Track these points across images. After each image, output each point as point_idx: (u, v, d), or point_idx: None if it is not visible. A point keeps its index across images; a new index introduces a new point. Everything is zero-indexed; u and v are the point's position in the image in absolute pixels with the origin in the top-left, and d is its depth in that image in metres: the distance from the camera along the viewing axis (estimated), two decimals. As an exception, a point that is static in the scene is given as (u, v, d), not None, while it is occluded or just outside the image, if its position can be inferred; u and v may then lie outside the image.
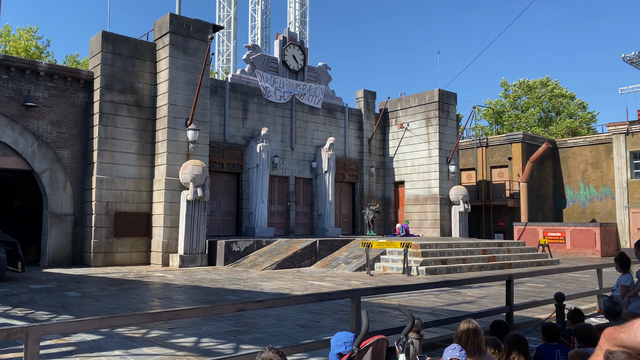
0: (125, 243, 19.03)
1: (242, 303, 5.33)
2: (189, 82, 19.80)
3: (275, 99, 24.65)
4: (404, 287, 7.82)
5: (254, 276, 15.84)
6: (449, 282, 9.34)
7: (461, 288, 13.29)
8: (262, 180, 23.10)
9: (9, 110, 17.90)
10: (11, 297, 11.33)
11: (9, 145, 17.82)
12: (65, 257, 18.64)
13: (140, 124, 19.71)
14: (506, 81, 50.45)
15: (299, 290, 12.86)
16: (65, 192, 18.86)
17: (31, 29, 36.23)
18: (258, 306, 5.59)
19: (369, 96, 29.11)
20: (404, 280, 15.36)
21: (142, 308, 10.12)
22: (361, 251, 18.78)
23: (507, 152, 33.70)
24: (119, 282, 14.05)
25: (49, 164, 18.58)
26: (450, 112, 28.59)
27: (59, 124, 18.98)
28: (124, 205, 19.09)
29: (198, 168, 18.80)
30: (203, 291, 12.58)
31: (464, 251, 20.17)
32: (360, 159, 28.43)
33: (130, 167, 19.39)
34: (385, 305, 10.64)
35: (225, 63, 59.73)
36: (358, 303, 6.19)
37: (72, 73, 19.24)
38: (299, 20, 60.48)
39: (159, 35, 20.16)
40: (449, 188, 27.74)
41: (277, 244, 20.02)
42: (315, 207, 26.13)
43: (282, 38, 25.45)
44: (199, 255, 18.91)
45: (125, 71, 19.47)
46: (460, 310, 10.13)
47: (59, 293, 11.95)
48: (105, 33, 19.21)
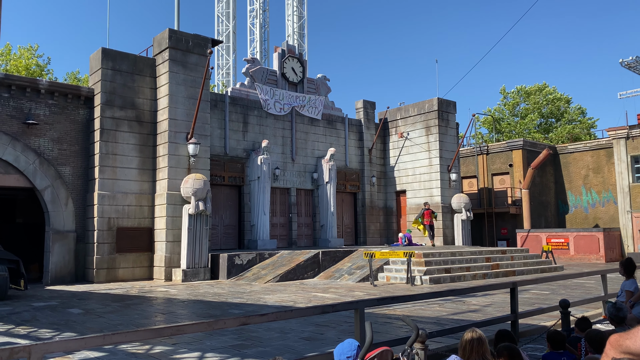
0: (127, 258, 19.01)
1: (246, 317, 5.31)
2: (189, 96, 19.89)
3: (275, 111, 24.74)
4: (407, 297, 7.78)
5: (257, 289, 15.78)
6: (453, 291, 9.30)
7: (465, 297, 13.22)
8: (264, 192, 23.11)
9: (10, 128, 17.98)
10: (14, 315, 11.29)
11: (11, 163, 17.87)
12: (68, 273, 18.60)
13: (141, 139, 19.77)
14: (505, 88, 50.63)
15: (303, 302, 12.81)
16: (67, 208, 18.88)
17: (32, 48, 36.52)
18: (261, 320, 5.57)
19: (369, 106, 29.20)
20: (407, 290, 15.30)
21: (146, 324, 10.08)
22: (364, 262, 18.72)
23: (508, 159, 33.71)
24: (122, 298, 14.01)
25: (51, 181, 18.62)
26: (449, 121, 28.64)
27: (60, 141, 19.05)
28: (126, 220, 19.09)
29: (199, 182, 18.82)
30: (206, 305, 12.53)
31: (467, 259, 20.10)
32: (361, 169, 28.44)
33: (132, 182, 19.42)
34: (389, 316, 10.59)
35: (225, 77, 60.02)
36: (362, 314, 6.16)
37: (72, 90, 19.35)
38: (298, 32, 60.86)
39: (158, 51, 20.29)
40: (451, 196, 27.71)
41: (280, 256, 19.97)
42: (317, 218, 26.10)
43: (280, 51, 25.59)
44: (202, 269, 18.86)
45: (125, 87, 19.57)
46: (465, 319, 10.07)
47: (62, 310, 11.91)
48: (105, 50, 19.34)
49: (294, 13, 61.13)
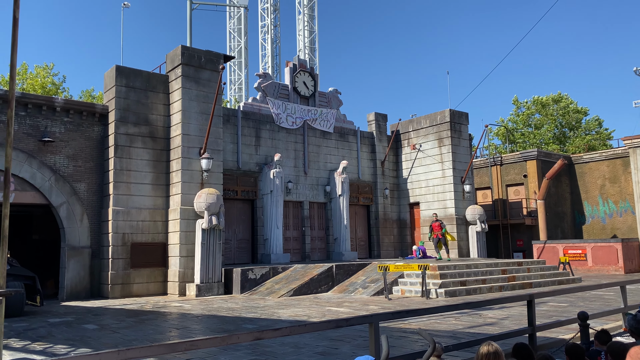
0: (142, 274, 19.08)
1: (259, 332, 5.28)
2: (202, 111, 20.07)
3: (287, 125, 24.85)
4: (423, 311, 7.68)
5: (270, 304, 15.72)
6: (469, 304, 9.18)
7: (482, 310, 13.04)
8: (277, 206, 23.12)
9: (27, 146, 18.25)
10: (30, 331, 11.36)
11: (27, 180, 18.12)
12: (83, 289, 18.71)
13: (155, 155, 19.95)
14: (517, 98, 50.32)
15: (317, 316, 12.73)
16: (83, 224, 19.05)
17: (47, 66, 37.19)
18: (275, 334, 5.53)
19: (380, 119, 29.21)
20: (423, 304, 15.13)
21: (160, 339, 10.07)
22: (378, 275, 18.58)
23: (522, 169, 33.42)
24: (136, 314, 14.03)
25: (66, 197, 18.82)
26: (462, 132, 28.53)
27: (75, 158, 19.29)
28: (140, 236, 19.20)
29: (212, 196, 18.90)
30: (220, 320, 12.51)
31: (483, 272, 19.86)
32: (374, 182, 28.38)
33: (146, 197, 19.56)
34: (404, 330, 10.47)
35: (237, 92, 60.53)
36: (377, 328, 6.10)
37: (87, 107, 19.62)
38: (309, 47, 61.30)
39: (171, 67, 20.54)
40: (465, 208, 27.49)
41: (293, 270, 19.91)
42: (330, 232, 26.03)
43: (292, 65, 25.77)
44: (215, 284, 18.86)
45: (139, 103, 19.81)
46: (482, 332, 9.93)
47: (77, 326, 11.96)
48: (119, 67, 19.63)
49: (304, 28, 61.64)
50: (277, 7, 63.47)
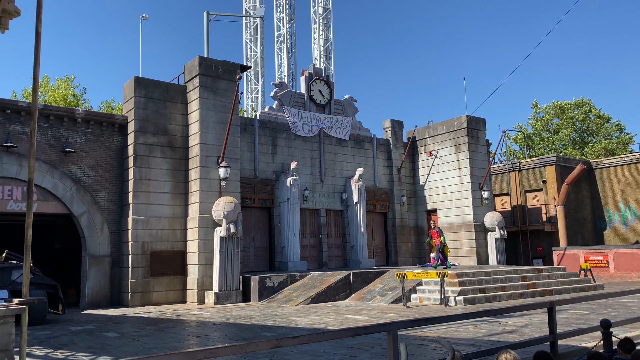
0: (161, 282, 19.26)
1: (278, 339, 5.31)
2: (220, 121, 20.27)
3: (303, 133, 24.96)
4: (442, 319, 7.63)
5: (288, 311, 15.74)
6: (488, 312, 9.10)
7: (501, 317, 12.90)
8: (293, 213, 23.19)
9: (49, 156, 18.61)
10: (52, 339, 11.54)
11: (49, 191, 18.46)
12: (104, 298, 18.95)
13: (174, 164, 20.19)
14: (537, 103, 49.82)
15: (335, 324, 12.71)
16: (103, 233, 19.32)
17: (68, 78, 37.93)
18: (293, 342, 5.55)
19: (396, 125, 29.17)
20: (441, 311, 15.02)
21: (179, 347, 10.15)
22: (396, 283, 18.50)
23: (541, 175, 33.04)
24: (156, 322, 14.16)
25: (87, 207, 19.12)
26: (479, 138, 28.35)
27: (96, 168, 19.60)
28: (159, 244, 19.40)
29: (230, 204, 19.04)
30: (239, 328, 12.56)
31: (502, 279, 19.65)
32: (390, 189, 28.30)
33: (165, 206, 19.78)
34: (423, 338, 10.40)
35: (254, 101, 60.98)
36: (395, 336, 6.08)
37: (107, 118, 19.95)
38: (324, 55, 61.58)
39: (189, 78, 20.81)
40: (483, 214, 27.26)
41: (311, 278, 19.92)
42: (347, 239, 26.00)
43: (308, 74, 25.92)
44: (234, 291, 18.95)
45: (157, 114, 20.09)
46: (502, 340, 9.82)
47: (98, 334, 12.12)
48: (138, 78, 19.94)
49: (320, 37, 61.96)
50: (293, 17, 63.93)
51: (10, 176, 17.72)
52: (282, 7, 63.21)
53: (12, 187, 17.81)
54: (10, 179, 17.77)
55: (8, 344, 6.96)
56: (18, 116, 18.15)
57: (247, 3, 62.28)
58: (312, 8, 63.29)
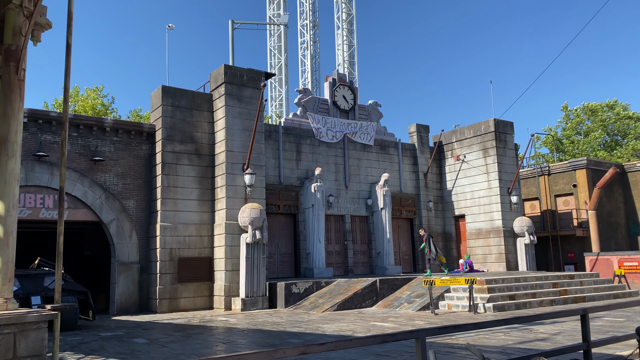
0: (189, 288, 19.44)
1: (305, 346, 5.28)
2: (245, 128, 20.44)
3: (327, 139, 24.97)
4: (471, 326, 7.49)
5: (314, 318, 15.70)
6: (519, 319, 8.88)
7: (532, 324, 12.62)
8: (318, 220, 23.18)
9: (79, 165, 19.03)
10: (83, 345, 11.74)
11: (79, 199, 18.85)
12: (133, 304, 19.21)
13: (200, 172, 20.41)
14: (567, 105, 48.84)
15: (361, 331, 12.62)
16: (132, 240, 19.62)
17: (97, 88, 38.76)
18: (320, 349, 5.51)
19: (422, 130, 28.95)
20: (470, 318, 14.78)
21: (207, 353, 10.21)
22: (424, 289, 18.29)
23: (572, 179, 32.33)
24: (183, 328, 14.29)
25: (116, 214, 19.46)
26: (507, 142, 27.92)
27: (124, 176, 19.95)
28: (186, 250, 19.61)
29: (256, 211, 19.14)
30: (265, 334, 12.57)
31: (532, 285, 19.25)
32: (416, 194, 28.06)
33: (192, 213, 20.00)
34: (452, 345, 10.24)
35: (278, 107, 61.37)
36: (423, 344, 5.98)
37: (135, 127, 20.31)
38: (348, 61, 61.65)
39: (214, 86, 21.06)
40: (512, 219, 26.79)
41: (337, 285, 19.84)
42: (373, 245, 25.84)
43: (331, 80, 25.96)
44: (260, 298, 19.01)
45: (184, 122, 20.36)
46: (533, 348, 9.60)
47: (127, 340, 12.28)
48: (165, 87, 20.26)
49: (343, 42, 62.09)
50: (316, 23, 64.23)
51: (42, 185, 18.16)
52: (305, 13, 63.59)
53: (44, 196, 18.25)
54: (42, 187, 18.21)
55: (41, 349, 7.10)
56: (49, 126, 18.62)
57: (271, 11, 62.85)
58: (336, 14, 63.51)
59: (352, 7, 62.90)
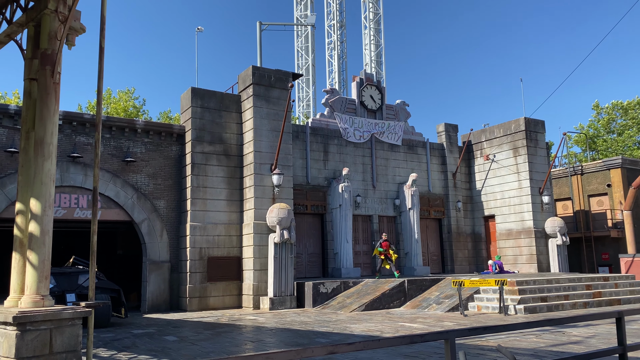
0: (218, 287, 19.67)
1: (333, 345, 5.29)
2: (272, 129, 20.58)
3: (354, 139, 24.93)
4: (501, 327, 7.37)
5: (342, 318, 15.69)
6: (551, 321, 8.70)
7: (565, 327, 12.35)
8: (346, 220, 23.15)
9: (112, 166, 19.46)
10: (116, 341, 12.00)
11: (112, 199, 19.28)
12: (163, 302, 19.55)
13: (229, 172, 20.64)
14: (598, 103, 47.63)
15: (390, 332, 12.56)
16: (162, 240, 19.96)
17: (129, 91, 39.58)
18: (349, 349, 5.51)
19: (451, 129, 28.63)
20: (500, 320, 14.56)
21: (236, 351, 10.31)
22: (453, 290, 18.09)
23: (606, 179, 31.50)
24: (213, 326, 14.46)
25: (147, 214, 19.83)
26: (539, 141, 27.39)
27: (155, 176, 20.31)
28: (216, 250, 19.85)
29: (284, 211, 19.24)
30: (293, 334, 12.63)
31: (565, 287, 18.84)
32: (445, 194, 27.76)
33: (221, 213, 20.23)
34: (481, 347, 10.10)
35: (306, 108, 61.55)
36: (453, 345, 5.92)
37: (165, 128, 20.66)
38: (375, 60, 61.41)
39: (243, 87, 21.26)
40: (544, 220, 26.26)
41: (365, 285, 19.79)
42: (401, 246, 25.68)
43: (359, 80, 25.90)
44: (288, 297, 19.10)
45: (213, 123, 20.62)
46: (566, 351, 9.39)
47: (158, 338, 12.50)
48: (194, 89, 20.55)
49: (371, 42, 61.88)
50: (344, 24, 64.18)
51: (77, 185, 18.64)
52: (332, 14, 63.60)
53: (78, 196, 18.72)
54: (76, 187, 18.69)
55: (76, 344, 7.29)
56: (83, 128, 19.09)
57: (298, 12, 63.07)
58: (363, 14, 63.34)
59: (380, 6, 62.62)
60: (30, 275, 7.34)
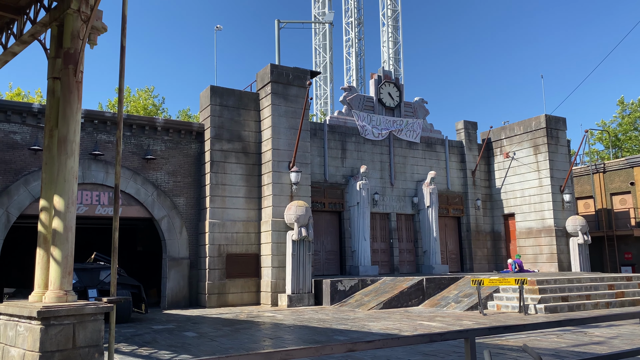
0: (236, 284, 19.80)
1: (352, 343, 5.29)
2: (290, 127, 20.61)
3: (372, 136, 24.85)
4: (522, 327, 7.29)
5: (360, 316, 15.68)
6: (573, 321, 8.57)
7: (587, 327, 12.17)
8: (363, 217, 23.11)
9: (132, 163, 19.69)
10: (137, 337, 12.16)
11: (133, 196, 19.51)
12: (183, 298, 19.74)
13: (247, 169, 20.74)
14: (624, 99, 46.68)
15: (408, 330, 12.51)
16: (182, 236, 20.15)
17: (148, 89, 39.97)
18: (368, 346, 5.50)
19: (470, 127, 28.36)
20: (520, 320, 14.40)
21: (255, 348, 10.37)
22: (472, 289, 17.94)
23: (629, 177, 30.91)
24: (232, 323, 14.57)
25: (167, 211, 20.03)
26: (560, 138, 27.00)
27: (175, 174, 20.50)
28: (234, 247, 19.98)
29: (301, 208, 19.27)
30: (311, 331, 12.66)
31: (586, 287, 18.55)
32: (464, 192, 27.53)
33: (239, 210, 20.35)
34: (501, 347, 10.00)
35: (323, 106, 61.53)
36: (473, 344, 5.87)
37: (185, 126, 20.83)
38: (393, 58, 61.11)
39: (261, 85, 21.33)
40: (565, 219, 25.89)
41: (382, 283, 19.74)
42: (419, 244, 25.55)
43: (377, 77, 25.80)
44: (306, 294, 19.14)
45: (232, 121, 20.73)
46: (588, 352, 9.25)
47: (178, 333, 12.63)
48: (213, 87, 20.68)
49: (389, 39, 61.57)
50: (361, 21, 63.97)
51: (98, 182, 18.90)
52: (350, 11, 63.44)
53: (99, 193, 18.99)
54: (97, 185, 18.95)
55: (98, 339, 7.40)
56: (104, 126, 19.34)
57: (316, 9, 63.04)
58: (381, 11, 63.07)
59: (398, 3, 62.27)
60: (54, 270, 7.47)
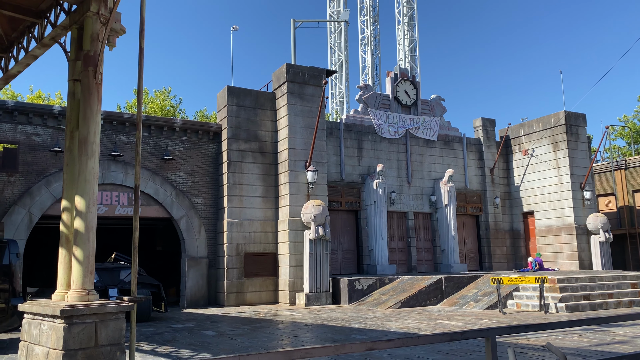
0: (254, 283, 19.90)
1: (372, 342, 5.27)
2: (307, 126, 20.64)
3: (389, 135, 24.75)
4: (544, 326, 7.19)
5: (378, 315, 15.64)
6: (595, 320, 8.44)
7: (610, 326, 11.97)
8: (381, 216, 23.04)
9: (151, 164, 19.89)
10: (157, 335, 12.29)
11: (151, 196, 19.71)
12: (202, 297, 19.89)
13: (264, 169, 20.82)
14: (644, 95, 45.82)
15: (427, 329, 12.44)
16: (200, 236, 20.31)
17: (166, 90, 40.32)
18: (387, 345, 5.48)
19: (488, 124, 28.09)
20: (541, 318, 14.23)
21: (273, 346, 10.41)
22: (491, 288, 17.78)
23: (652, 173, 30.32)
24: (250, 321, 14.64)
25: (186, 211, 20.20)
26: (579, 135, 26.60)
27: (193, 174, 20.67)
28: (252, 246, 20.07)
29: (318, 207, 19.28)
30: (330, 330, 12.66)
31: (609, 285, 18.25)
32: (482, 190, 27.29)
33: (257, 209, 20.44)
34: (522, 346, 9.90)
35: (339, 105, 61.47)
36: (493, 343, 5.81)
37: (202, 127, 20.98)
38: (409, 55, 60.78)
39: (277, 85, 21.39)
40: (586, 216, 25.50)
41: (400, 282, 19.66)
42: (437, 243, 25.39)
43: (393, 75, 25.69)
44: (324, 293, 19.16)
45: (249, 121, 20.83)
46: (611, 351, 9.11)
47: (197, 332, 12.73)
48: (230, 87, 20.79)
49: (405, 37, 61.25)
50: (377, 19, 63.76)
51: (117, 183, 19.13)
52: (365, 9, 63.27)
53: (119, 193, 19.22)
54: (117, 185, 19.18)
55: (120, 338, 7.49)
56: (123, 127, 19.57)
57: (332, 8, 62.99)
58: (397, 9, 62.76)
59: (413, 1, 61.91)
60: (76, 270, 7.58)
